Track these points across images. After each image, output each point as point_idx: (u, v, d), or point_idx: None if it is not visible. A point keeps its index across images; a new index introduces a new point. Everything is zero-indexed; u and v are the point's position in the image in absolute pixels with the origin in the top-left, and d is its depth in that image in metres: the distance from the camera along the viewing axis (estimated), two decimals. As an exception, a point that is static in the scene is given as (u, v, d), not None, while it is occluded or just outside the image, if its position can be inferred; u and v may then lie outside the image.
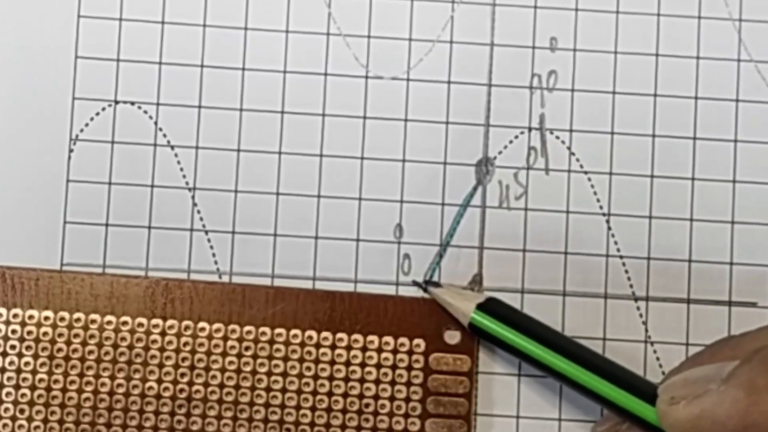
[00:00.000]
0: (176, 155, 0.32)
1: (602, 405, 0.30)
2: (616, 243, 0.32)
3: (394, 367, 0.31)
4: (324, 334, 0.31)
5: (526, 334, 0.30)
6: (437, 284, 0.32)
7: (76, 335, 0.31)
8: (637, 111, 0.33)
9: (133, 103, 0.32)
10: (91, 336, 0.31)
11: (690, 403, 0.28)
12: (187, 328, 0.31)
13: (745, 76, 0.33)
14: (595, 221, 0.32)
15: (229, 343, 0.31)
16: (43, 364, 0.31)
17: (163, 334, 0.31)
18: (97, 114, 0.32)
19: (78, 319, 0.31)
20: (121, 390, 0.31)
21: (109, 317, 0.31)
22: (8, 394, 0.31)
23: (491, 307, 0.31)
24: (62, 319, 0.31)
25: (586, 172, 0.32)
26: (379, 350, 0.31)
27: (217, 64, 0.32)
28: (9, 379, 0.31)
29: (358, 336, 0.31)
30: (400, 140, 0.32)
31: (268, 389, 0.31)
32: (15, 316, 0.31)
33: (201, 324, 0.31)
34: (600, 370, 0.30)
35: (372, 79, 0.33)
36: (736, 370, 0.27)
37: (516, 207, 0.32)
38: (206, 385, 0.31)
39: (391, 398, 0.31)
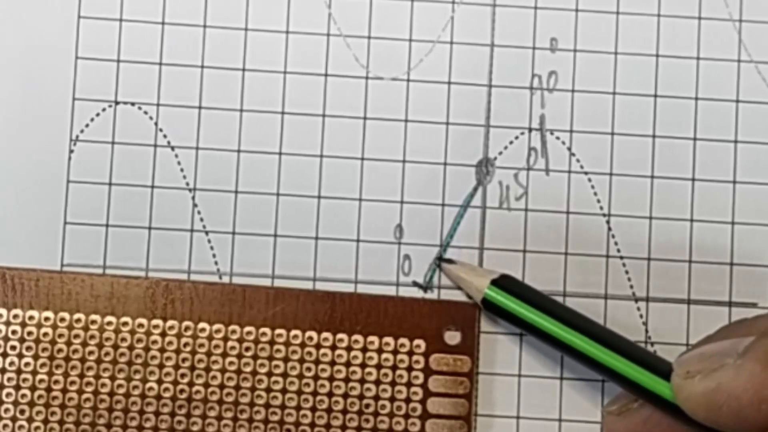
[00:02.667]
0: (176, 156, 0.32)
1: (616, 381, 0.30)
2: (616, 243, 0.32)
3: (394, 368, 0.31)
4: (324, 334, 0.31)
5: (540, 311, 0.30)
6: (451, 261, 0.32)
7: (77, 336, 0.31)
8: (637, 111, 0.33)
9: (133, 104, 0.32)
10: (92, 337, 0.31)
11: (706, 377, 0.28)
12: (187, 328, 0.31)
13: (745, 77, 0.33)
14: (595, 221, 0.32)
15: (230, 343, 0.31)
16: (43, 365, 0.31)
17: (163, 334, 0.31)
18: (98, 115, 0.32)
19: (78, 320, 0.31)
20: (122, 391, 0.31)
21: (109, 318, 0.31)
22: (8, 394, 0.31)
23: (505, 284, 0.31)
24: (62, 319, 0.31)
25: (586, 173, 0.32)
26: (380, 351, 0.31)
27: (217, 65, 0.32)
28: (9, 379, 0.31)
29: (358, 337, 0.31)
30: (401, 141, 0.32)
31: (268, 390, 0.31)
32: (15, 316, 0.31)
33: (201, 325, 0.31)
34: (615, 347, 0.30)
35: (372, 80, 0.33)
36: (753, 344, 0.27)
37: (516, 207, 0.32)
38: (206, 385, 0.31)
39: (392, 399, 0.31)
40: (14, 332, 0.31)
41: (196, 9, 0.33)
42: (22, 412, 0.31)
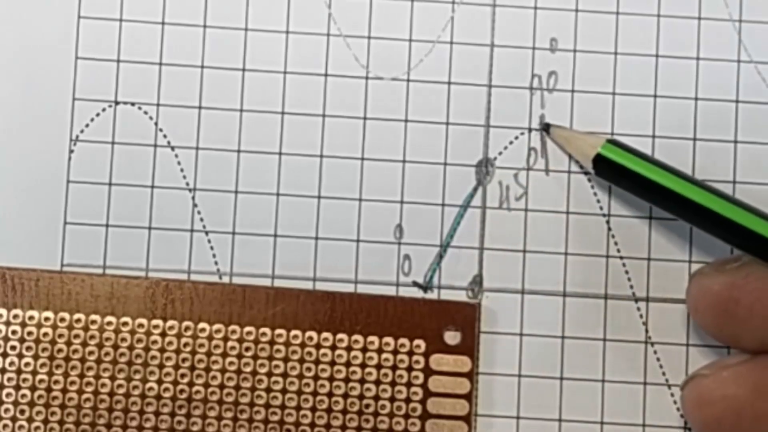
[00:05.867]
0: (176, 156, 0.32)
1: (731, 237, 0.30)
2: (616, 243, 0.32)
3: (394, 368, 0.31)
4: (324, 334, 0.31)
5: (655, 167, 0.31)
6: (558, 125, 0.32)
7: (77, 336, 0.31)
8: (637, 112, 0.33)
9: (133, 104, 0.32)
10: (92, 337, 0.31)
11: None
12: (187, 328, 0.31)
13: (745, 77, 0.33)
14: (595, 221, 0.32)
15: (230, 343, 0.31)
16: (43, 365, 0.31)
17: (163, 334, 0.31)
18: (98, 115, 0.32)
19: (78, 320, 0.31)
20: (122, 391, 0.31)
21: (109, 318, 0.31)
22: (8, 394, 0.31)
23: (619, 143, 0.31)
24: (62, 319, 0.31)
25: (586, 173, 0.32)
26: (380, 351, 0.31)
27: (217, 65, 0.32)
28: (9, 379, 0.31)
29: (358, 337, 0.31)
30: (401, 141, 0.32)
31: (268, 390, 0.31)
32: (15, 316, 0.31)
33: (201, 325, 0.31)
34: (733, 201, 0.30)
35: (372, 80, 0.33)
36: None
37: (516, 208, 0.32)
38: (206, 385, 0.31)
39: (392, 399, 0.31)
40: (14, 332, 0.31)
41: (196, 9, 0.33)
42: (22, 412, 0.31)
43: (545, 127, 0.32)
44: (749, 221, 0.30)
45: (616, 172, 0.31)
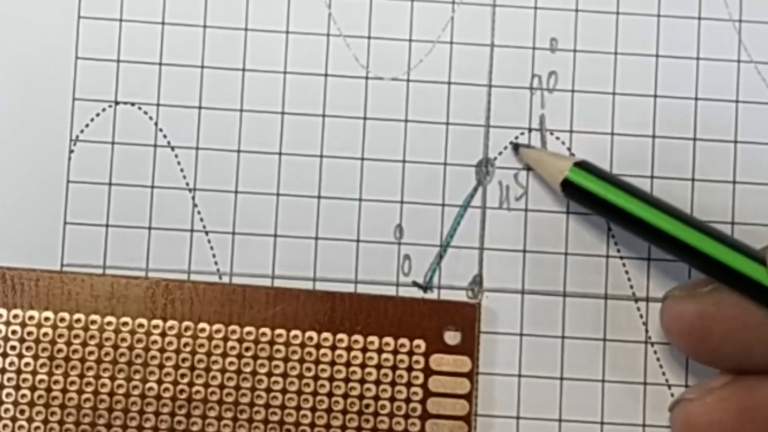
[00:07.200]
0: (176, 156, 0.32)
1: (700, 265, 0.30)
2: (616, 243, 0.32)
3: (394, 368, 0.31)
4: (324, 334, 0.31)
5: (624, 193, 0.30)
6: (528, 146, 0.32)
7: (77, 336, 0.31)
8: (637, 112, 0.33)
9: (133, 104, 0.32)
10: (92, 337, 0.31)
11: None
12: (187, 328, 0.31)
13: (745, 77, 0.33)
14: (595, 222, 0.32)
15: (230, 343, 0.31)
16: (43, 365, 0.31)
17: (163, 334, 0.31)
18: (98, 115, 0.32)
19: (78, 320, 0.31)
20: (122, 391, 0.31)
21: (109, 318, 0.31)
22: (8, 395, 0.31)
23: (587, 167, 0.31)
24: (62, 319, 0.31)
25: (586, 173, 0.32)
26: (380, 351, 0.31)
27: (217, 65, 0.32)
28: (9, 380, 0.31)
29: (358, 337, 0.31)
30: (400, 141, 0.32)
31: (268, 390, 0.31)
32: (15, 316, 0.31)
33: (201, 325, 0.31)
34: (701, 229, 0.30)
35: (372, 80, 0.33)
36: None
37: (516, 208, 0.32)
38: (206, 385, 0.31)
39: (392, 399, 0.31)
40: (14, 332, 0.31)
41: (196, 9, 0.33)
42: (22, 412, 0.31)
43: (515, 148, 0.32)
44: (717, 251, 0.29)
45: (583, 196, 0.31)
